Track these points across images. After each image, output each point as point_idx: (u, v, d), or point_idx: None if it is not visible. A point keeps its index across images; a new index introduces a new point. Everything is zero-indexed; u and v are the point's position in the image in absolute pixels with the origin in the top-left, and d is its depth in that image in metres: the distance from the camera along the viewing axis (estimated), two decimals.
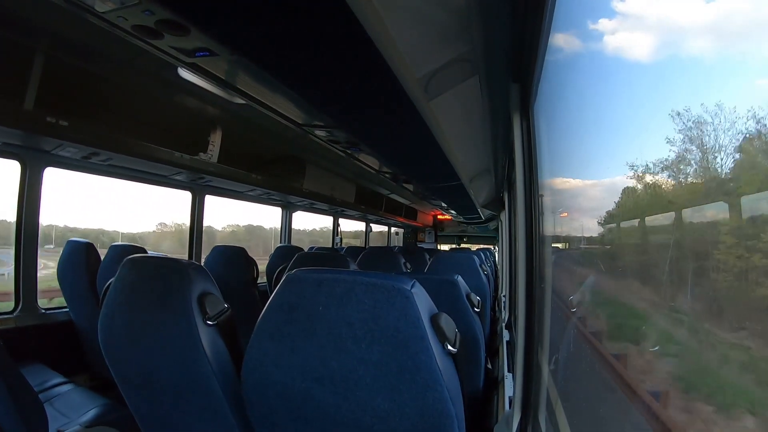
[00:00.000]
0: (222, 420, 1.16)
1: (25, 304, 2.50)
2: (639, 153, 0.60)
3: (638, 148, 0.61)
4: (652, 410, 0.59)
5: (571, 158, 0.98)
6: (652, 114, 0.57)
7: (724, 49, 0.45)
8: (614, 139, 0.72)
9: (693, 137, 0.47)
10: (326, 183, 4.45)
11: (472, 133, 2.11)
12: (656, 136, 0.56)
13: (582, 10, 0.84)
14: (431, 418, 0.85)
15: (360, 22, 1.03)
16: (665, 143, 0.53)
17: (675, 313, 0.56)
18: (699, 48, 0.48)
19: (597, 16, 0.74)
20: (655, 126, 0.56)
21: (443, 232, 11.68)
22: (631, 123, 0.63)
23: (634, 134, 0.63)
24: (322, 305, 0.92)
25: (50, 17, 1.56)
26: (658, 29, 0.55)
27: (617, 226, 0.78)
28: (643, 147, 0.59)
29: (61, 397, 2.00)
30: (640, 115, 0.60)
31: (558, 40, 0.91)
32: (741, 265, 0.43)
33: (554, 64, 0.97)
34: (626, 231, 0.75)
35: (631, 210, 0.67)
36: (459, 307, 1.72)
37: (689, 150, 0.48)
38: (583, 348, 0.91)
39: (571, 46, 0.88)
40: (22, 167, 2.41)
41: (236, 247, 3.30)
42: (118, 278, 1.28)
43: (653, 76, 0.57)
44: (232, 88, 1.94)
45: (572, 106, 0.93)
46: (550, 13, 0.88)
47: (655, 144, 0.56)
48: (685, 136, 0.49)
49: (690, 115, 0.48)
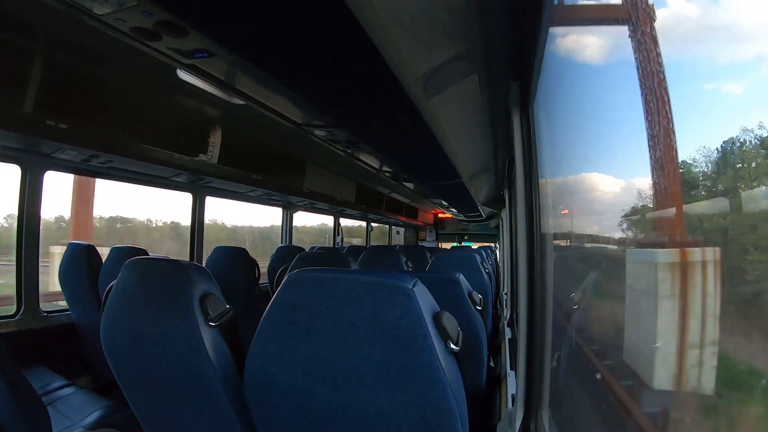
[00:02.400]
0: (224, 421, 1.16)
1: (27, 307, 2.50)
2: (638, 150, 0.60)
3: (637, 144, 0.61)
4: (655, 407, 0.59)
5: (571, 155, 0.98)
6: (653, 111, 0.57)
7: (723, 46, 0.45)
8: (614, 136, 0.72)
9: (695, 133, 0.47)
10: (327, 182, 4.45)
11: (472, 131, 2.11)
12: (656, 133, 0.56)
13: (581, 8, 0.84)
14: (434, 416, 0.85)
15: (359, 21, 1.03)
16: (666, 140, 0.53)
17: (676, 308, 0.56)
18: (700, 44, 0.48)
19: (597, 13, 0.74)
20: (655, 123, 0.56)
21: (444, 231, 11.69)
22: (631, 120, 0.63)
23: (633, 131, 0.62)
24: (323, 305, 0.92)
25: (49, 20, 1.56)
26: (658, 24, 0.55)
27: (618, 223, 0.78)
28: (642, 144, 0.59)
29: (63, 400, 2.01)
30: (640, 112, 0.60)
31: (557, 37, 0.91)
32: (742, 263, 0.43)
33: (554, 61, 0.97)
34: (627, 227, 0.74)
35: (632, 206, 0.67)
36: (461, 305, 1.72)
37: (691, 146, 0.48)
38: (585, 345, 0.91)
39: (570, 43, 0.88)
40: (22, 171, 2.41)
41: (237, 248, 3.30)
42: (120, 280, 1.28)
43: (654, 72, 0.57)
44: (232, 88, 1.94)
45: (572, 104, 0.93)
46: (549, 11, 0.88)
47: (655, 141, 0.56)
48: (686, 132, 0.49)
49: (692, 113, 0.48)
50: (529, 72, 1.12)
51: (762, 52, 0.40)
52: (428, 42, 1.20)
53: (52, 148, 2.20)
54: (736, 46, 0.43)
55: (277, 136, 3.01)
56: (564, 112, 0.98)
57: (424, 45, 1.20)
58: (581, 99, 0.87)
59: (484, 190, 4.23)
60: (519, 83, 1.26)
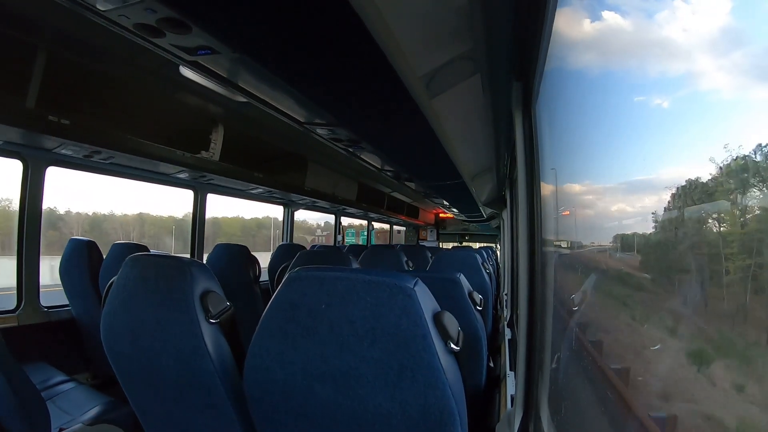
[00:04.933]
0: (224, 417, 1.16)
1: (27, 302, 2.50)
2: (641, 151, 0.60)
3: (640, 146, 0.61)
4: (654, 409, 0.59)
5: (573, 157, 0.97)
6: (655, 112, 0.57)
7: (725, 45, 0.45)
8: (616, 137, 0.72)
9: (697, 134, 0.47)
10: (328, 181, 4.45)
11: (474, 131, 2.11)
12: (658, 134, 0.55)
13: (584, 8, 0.84)
14: (433, 416, 0.85)
15: (362, 20, 1.03)
16: (668, 142, 0.53)
17: (673, 310, 0.56)
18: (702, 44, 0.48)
19: (599, 13, 0.74)
20: (657, 124, 0.55)
21: (445, 231, 11.70)
22: (633, 121, 0.63)
23: (635, 133, 0.62)
24: (324, 303, 0.92)
25: (52, 15, 1.56)
26: (661, 26, 0.55)
27: (619, 224, 0.78)
28: (645, 145, 0.59)
29: (63, 395, 2.01)
30: (643, 114, 0.60)
31: (560, 38, 0.91)
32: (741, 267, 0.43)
33: (556, 62, 0.96)
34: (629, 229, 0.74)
35: (633, 208, 0.67)
36: (461, 305, 1.72)
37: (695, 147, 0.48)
38: (585, 346, 0.91)
39: (573, 44, 0.88)
40: (24, 166, 2.42)
41: (238, 246, 3.30)
42: (121, 276, 1.28)
43: (657, 74, 0.57)
44: (234, 86, 1.94)
45: (574, 105, 0.93)
46: (552, 12, 0.88)
47: (657, 142, 0.56)
48: (688, 133, 0.49)
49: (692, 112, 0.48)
50: (532, 72, 1.12)
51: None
52: (431, 42, 1.20)
53: (54, 143, 2.20)
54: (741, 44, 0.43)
55: (279, 135, 3.01)
56: (566, 113, 0.98)
57: (427, 45, 1.20)
58: (584, 100, 0.87)
59: (486, 191, 4.23)
60: (521, 83, 1.26)
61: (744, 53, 0.42)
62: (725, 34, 0.44)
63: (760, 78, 0.40)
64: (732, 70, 0.44)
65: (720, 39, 0.45)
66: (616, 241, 0.77)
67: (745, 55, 0.42)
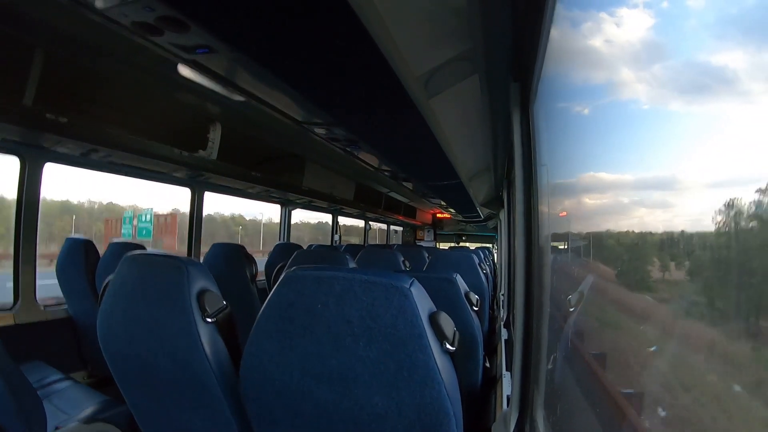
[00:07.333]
0: (220, 417, 1.16)
1: (24, 300, 2.50)
2: (639, 152, 0.61)
3: (638, 147, 0.61)
4: (648, 409, 0.59)
5: (571, 157, 0.98)
6: (653, 113, 0.57)
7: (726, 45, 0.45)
8: (613, 138, 0.72)
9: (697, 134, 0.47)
10: (326, 181, 4.45)
11: (472, 131, 2.11)
12: (657, 135, 0.56)
13: (583, 9, 0.84)
14: (429, 416, 0.86)
15: (360, 19, 1.03)
16: (666, 143, 0.53)
17: (670, 311, 0.57)
18: (702, 43, 0.48)
19: (598, 14, 0.74)
20: (656, 125, 0.56)
21: (442, 231, 11.71)
22: (630, 122, 0.63)
23: (632, 134, 0.63)
24: (320, 303, 0.92)
25: (50, 13, 1.56)
26: (660, 25, 0.55)
27: (617, 225, 0.78)
28: (643, 146, 0.59)
29: (59, 394, 2.01)
30: (640, 115, 0.60)
31: (558, 38, 0.91)
32: None
33: (555, 63, 0.97)
34: (625, 230, 0.75)
35: (631, 209, 0.67)
36: (457, 305, 1.72)
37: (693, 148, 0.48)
38: (581, 347, 0.91)
39: (571, 44, 0.88)
40: (21, 163, 2.41)
41: (235, 245, 3.30)
42: (118, 275, 1.28)
43: (655, 75, 0.57)
44: (232, 85, 1.93)
45: (572, 106, 0.93)
46: (550, 12, 0.88)
47: (657, 143, 0.56)
48: (687, 134, 0.49)
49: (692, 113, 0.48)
50: (530, 73, 1.12)
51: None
52: (429, 42, 1.20)
53: (52, 141, 2.20)
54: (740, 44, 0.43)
55: (277, 134, 3.01)
56: (564, 114, 0.98)
57: (425, 45, 1.20)
58: (582, 100, 0.87)
59: (484, 191, 4.23)
60: (519, 84, 1.26)
61: (744, 52, 0.43)
62: (725, 34, 0.45)
63: (760, 78, 0.40)
64: (732, 70, 0.44)
65: (720, 38, 0.45)
66: (613, 241, 0.77)
67: (746, 54, 0.43)
